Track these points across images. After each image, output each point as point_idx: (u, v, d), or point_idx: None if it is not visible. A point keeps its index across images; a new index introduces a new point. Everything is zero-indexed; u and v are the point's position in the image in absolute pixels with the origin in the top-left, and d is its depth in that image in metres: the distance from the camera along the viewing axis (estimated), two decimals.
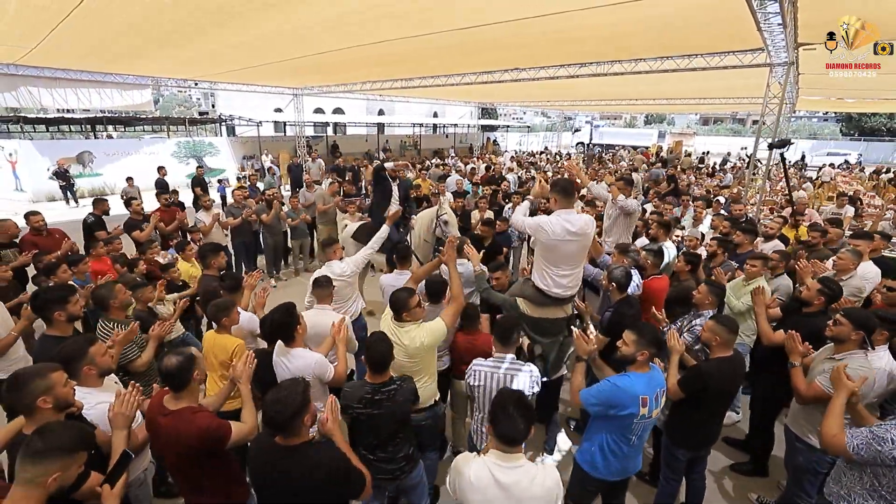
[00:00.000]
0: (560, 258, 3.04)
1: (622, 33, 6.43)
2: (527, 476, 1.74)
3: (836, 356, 2.60)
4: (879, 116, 30.44)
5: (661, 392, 2.38)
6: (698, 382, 2.62)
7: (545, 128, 37.69)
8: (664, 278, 3.96)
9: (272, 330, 2.58)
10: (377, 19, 5.81)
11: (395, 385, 2.38)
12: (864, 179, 16.46)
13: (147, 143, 16.94)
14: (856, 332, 2.52)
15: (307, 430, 1.84)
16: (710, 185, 12.33)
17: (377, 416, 2.33)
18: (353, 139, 24.60)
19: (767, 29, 4.90)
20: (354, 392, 2.36)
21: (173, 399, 2.03)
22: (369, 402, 2.32)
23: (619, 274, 3.37)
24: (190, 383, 2.03)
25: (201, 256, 4.22)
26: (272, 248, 7.26)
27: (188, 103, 40.65)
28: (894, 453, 1.91)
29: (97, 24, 6.33)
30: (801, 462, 2.77)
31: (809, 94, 12.41)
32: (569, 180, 3.20)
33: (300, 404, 1.77)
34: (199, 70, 11.27)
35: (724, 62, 7.34)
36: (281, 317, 2.55)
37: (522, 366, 2.61)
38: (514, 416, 1.74)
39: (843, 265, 3.88)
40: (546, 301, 3.16)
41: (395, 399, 2.34)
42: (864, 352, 2.56)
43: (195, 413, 2.00)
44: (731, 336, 2.64)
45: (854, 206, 8.50)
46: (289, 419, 1.75)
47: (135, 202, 5.86)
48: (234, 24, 6.12)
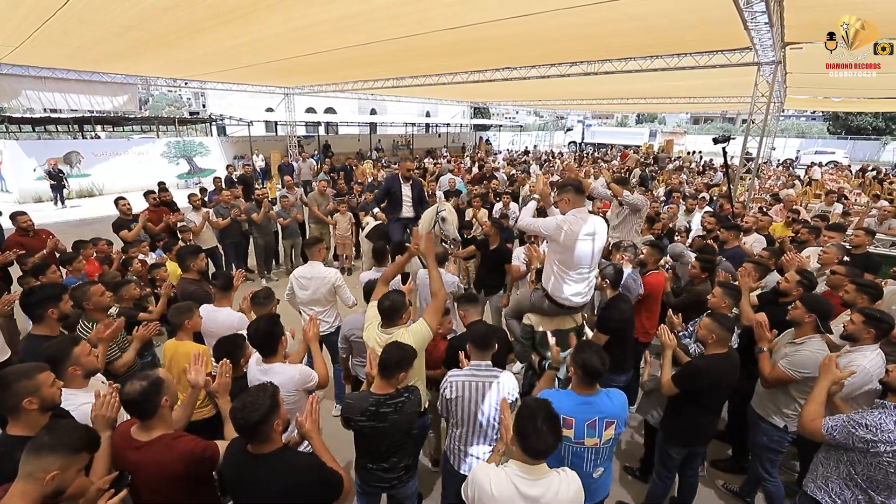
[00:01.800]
0: (577, 259, 2.88)
1: (612, 32, 6.48)
2: (552, 487, 1.72)
3: (796, 340, 2.78)
4: (865, 115, 30.89)
5: (603, 422, 2.16)
6: (692, 378, 2.62)
7: (537, 127, 37.81)
8: (662, 273, 3.99)
9: (257, 338, 2.42)
10: (369, 21, 5.81)
11: (403, 397, 2.27)
12: (850, 177, 16.69)
13: (136, 144, 16.74)
14: (808, 315, 2.69)
15: (279, 435, 1.79)
16: (700, 182, 12.44)
17: (382, 429, 2.22)
18: (345, 139, 24.51)
19: (755, 28, 4.96)
20: (357, 404, 2.24)
21: (143, 430, 1.87)
22: (374, 415, 2.20)
23: (610, 271, 3.33)
24: (158, 410, 1.86)
25: (180, 259, 4.03)
26: (263, 249, 7.20)
27: (178, 103, 40.26)
28: (867, 437, 1.95)
29: (84, 26, 6.27)
30: (763, 441, 2.91)
31: (797, 93, 12.57)
32: (580, 180, 3.16)
33: (267, 410, 1.71)
34: (189, 70, 11.19)
35: (713, 61, 7.42)
36: (266, 325, 2.41)
37: (500, 372, 2.47)
38: (542, 429, 1.69)
39: (827, 259, 3.97)
40: (560, 311, 3.02)
41: (402, 411, 2.24)
42: (819, 335, 2.69)
43: (176, 439, 1.87)
44: (727, 334, 2.63)
45: (841, 204, 8.63)
46: (256, 425, 1.69)
47: (122, 202, 5.78)
48: (226, 27, 6.10)
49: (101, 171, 15.30)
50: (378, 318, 2.67)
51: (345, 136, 25.65)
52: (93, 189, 15.01)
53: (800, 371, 2.65)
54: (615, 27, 6.10)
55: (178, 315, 2.76)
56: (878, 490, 2.01)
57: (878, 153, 28.94)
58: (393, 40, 6.86)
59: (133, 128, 21.81)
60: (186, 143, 17.71)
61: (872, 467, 2.00)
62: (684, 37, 6.59)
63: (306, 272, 3.95)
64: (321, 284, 3.89)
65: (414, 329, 2.58)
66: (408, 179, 5.85)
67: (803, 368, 2.65)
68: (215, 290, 3.29)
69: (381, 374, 2.26)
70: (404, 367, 2.25)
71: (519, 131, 36.09)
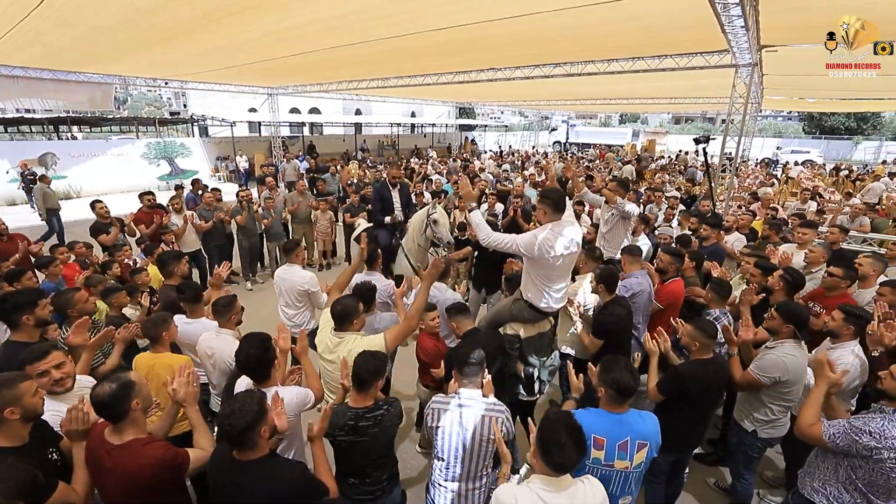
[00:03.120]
0: (557, 274, 2.89)
1: (596, 34, 6.57)
2: (577, 496, 1.70)
3: (768, 344, 2.82)
4: (838, 116, 31.85)
5: (636, 444, 2.04)
6: (676, 384, 2.58)
7: (522, 127, 38.04)
8: (681, 282, 3.76)
9: (247, 366, 2.22)
10: (358, 21, 5.78)
11: (382, 410, 2.19)
12: (825, 176, 17.18)
13: (115, 145, 16.38)
14: (785, 326, 2.70)
15: (265, 442, 1.77)
16: (681, 182, 12.67)
17: (362, 444, 2.15)
18: (330, 139, 24.32)
19: (731, 31, 5.08)
20: (335, 419, 2.15)
21: (115, 432, 1.83)
22: (353, 430, 2.13)
23: (606, 273, 3.22)
24: (129, 414, 1.81)
25: (161, 265, 3.94)
26: (247, 251, 7.13)
27: (158, 103, 39.47)
28: (871, 444, 1.92)
29: (61, 27, 6.13)
30: (734, 442, 2.98)
31: (774, 93, 12.90)
32: (561, 193, 2.89)
33: (255, 416, 1.69)
34: (170, 71, 10.97)
35: (693, 63, 7.57)
36: (257, 350, 2.19)
37: (492, 404, 2.27)
38: (566, 443, 1.65)
39: (813, 258, 4.08)
40: (539, 317, 3.06)
41: (382, 425, 2.17)
42: (793, 340, 2.71)
43: (146, 444, 1.83)
44: (708, 340, 2.60)
45: (816, 202, 8.90)
46: (243, 432, 1.67)
47: (99, 205, 5.64)
48: (209, 29, 6.00)
49: (79, 173, 14.93)
50: (331, 323, 2.66)
51: (330, 136, 25.44)
52: (70, 191, 14.62)
53: (765, 374, 2.66)
54: (600, 29, 6.19)
55: (154, 328, 2.65)
56: (877, 494, 1.99)
57: (851, 152, 29.88)
58: (381, 41, 6.83)
59: (112, 128, 21.31)
60: (167, 144, 17.39)
61: (874, 472, 1.97)
62: (665, 39, 6.72)
63: (282, 273, 4.03)
64: (292, 287, 3.94)
65: (370, 341, 2.55)
66: (395, 185, 5.93)
67: (768, 372, 2.66)
68: (185, 304, 3.14)
69: (356, 387, 2.18)
70: (380, 377, 2.19)
71: (504, 131, 36.26)
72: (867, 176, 15.37)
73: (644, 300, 3.54)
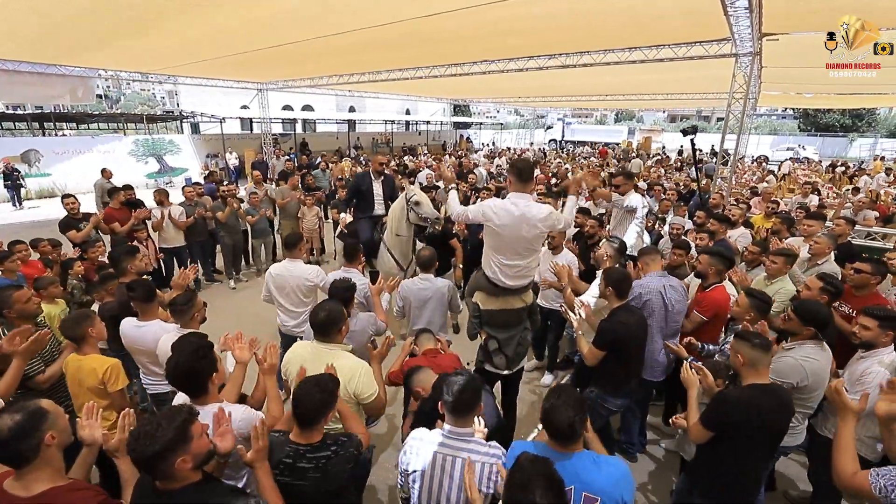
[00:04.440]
0: (505, 245, 2.80)
1: (592, 21, 6.32)
2: None
3: (785, 345, 2.56)
4: (833, 113, 31.84)
5: (581, 496, 1.65)
6: (725, 412, 2.07)
7: (518, 125, 37.86)
8: (724, 288, 3.26)
9: (176, 378, 1.85)
10: (339, 10, 5.53)
11: (328, 451, 1.77)
12: (821, 172, 17.11)
13: (101, 142, 16.00)
14: (806, 329, 2.44)
15: (187, 473, 1.44)
16: (678, 178, 12.50)
17: (299, 488, 1.73)
18: (323, 136, 23.99)
19: (734, 15, 4.87)
20: (272, 452, 1.76)
21: (19, 481, 1.42)
22: (289, 469, 1.74)
23: (616, 275, 2.84)
24: (38, 453, 1.42)
25: (113, 262, 3.58)
26: (231, 248, 6.85)
27: (152, 102, 39.16)
28: None
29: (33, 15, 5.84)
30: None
31: (770, 88, 12.74)
32: (529, 163, 2.91)
33: (167, 444, 1.36)
34: (154, 63, 10.64)
35: (692, 52, 7.36)
36: (188, 359, 1.81)
37: (484, 447, 1.83)
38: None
39: (818, 249, 3.88)
40: (498, 291, 2.95)
41: (325, 468, 1.74)
42: (813, 341, 2.44)
43: (73, 493, 1.46)
44: (760, 354, 2.08)
45: (817, 196, 8.73)
46: (153, 459, 1.36)
47: (68, 199, 5.35)
48: (190, 14, 5.71)
49: (63, 171, 14.58)
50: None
51: (323, 133, 25.09)
52: (54, 189, 14.27)
53: (783, 380, 2.37)
54: (595, 16, 5.96)
55: (75, 325, 2.34)
56: None
57: (846, 149, 29.88)
58: (367, 29, 6.58)
59: (99, 125, 20.92)
60: (156, 141, 17.03)
61: None
62: (664, 26, 6.49)
63: (283, 270, 3.66)
64: (299, 283, 3.62)
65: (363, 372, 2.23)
66: (380, 175, 5.46)
67: (785, 377, 2.38)
68: (136, 304, 2.81)
69: (298, 423, 1.78)
70: (329, 409, 1.80)
71: (500, 129, 36.06)
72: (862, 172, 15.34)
73: (656, 306, 3.10)
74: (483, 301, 3.03)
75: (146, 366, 2.84)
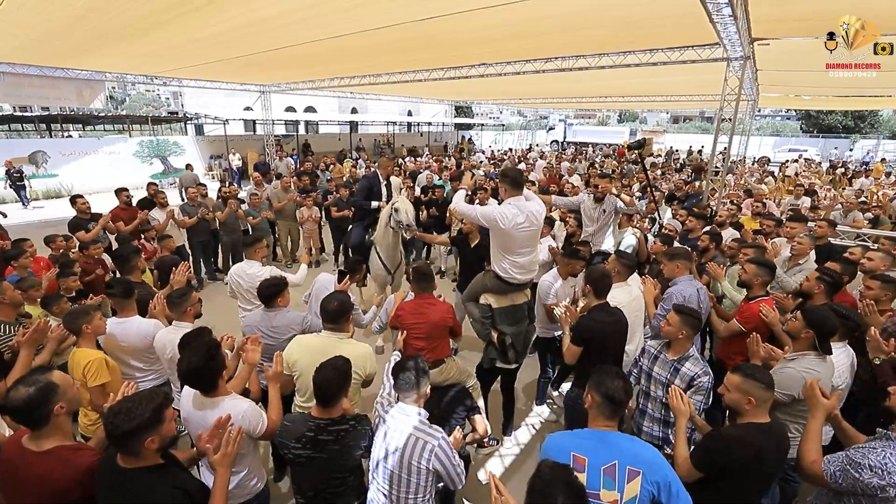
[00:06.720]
0: (517, 245, 3.10)
1: (587, 25, 6.44)
2: None
3: (787, 356, 2.51)
4: (835, 114, 31.78)
5: (625, 469, 1.67)
6: (719, 456, 1.93)
7: (520, 126, 37.93)
8: (770, 301, 3.11)
9: (187, 377, 1.99)
10: (341, 11, 5.67)
11: (347, 424, 1.98)
12: (822, 173, 17.12)
13: (107, 143, 16.23)
14: (805, 331, 2.40)
15: (152, 453, 1.59)
16: (676, 180, 12.57)
17: (318, 461, 1.92)
18: (325, 138, 24.17)
19: (720, 21, 4.98)
20: (294, 428, 1.95)
21: (33, 440, 1.67)
22: (310, 442, 1.92)
23: (598, 274, 2.81)
24: (49, 420, 1.65)
25: (122, 260, 3.78)
26: (230, 248, 7.01)
27: (157, 103, 39.45)
28: (873, 481, 1.68)
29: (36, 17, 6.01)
30: None
31: (769, 90, 12.80)
32: (518, 170, 3.28)
33: (145, 422, 1.51)
34: (158, 65, 10.85)
35: (684, 56, 7.47)
36: (201, 360, 1.94)
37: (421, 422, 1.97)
38: None
39: (801, 249, 3.99)
40: (508, 288, 3.24)
41: (343, 441, 1.95)
42: (815, 353, 2.38)
43: (75, 451, 1.68)
44: (766, 393, 1.95)
45: (810, 198, 8.80)
46: (126, 435, 1.50)
47: (79, 200, 5.52)
48: (195, 17, 5.88)
49: (70, 172, 14.81)
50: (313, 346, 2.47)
51: (325, 135, 25.28)
52: (61, 190, 14.50)
53: (782, 391, 2.34)
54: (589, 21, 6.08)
55: (74, 320, 2.48)
56: None
57: (848, 151, 29.80)
58: (368, 32, 6.72)
59: (105, 127, 21.18)
60: (160, 143, 17.26)
61: None
62: (656, 31, 6.61)
63: (239, 271, 3.76)
64: (252, 285, 3.60)
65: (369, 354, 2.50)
66: (387, 177, 5.54)
67: (785, 389, 2.34)
68: (115, 301, 2.90)
69: (320, 403, 1.98)
70: (346, 387, 2.01)
71: (502, 130, 36.15)
72: (859, 174, 15.33)
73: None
74: (494, 301, 3.29)
75: (126, 362, 2.84)
